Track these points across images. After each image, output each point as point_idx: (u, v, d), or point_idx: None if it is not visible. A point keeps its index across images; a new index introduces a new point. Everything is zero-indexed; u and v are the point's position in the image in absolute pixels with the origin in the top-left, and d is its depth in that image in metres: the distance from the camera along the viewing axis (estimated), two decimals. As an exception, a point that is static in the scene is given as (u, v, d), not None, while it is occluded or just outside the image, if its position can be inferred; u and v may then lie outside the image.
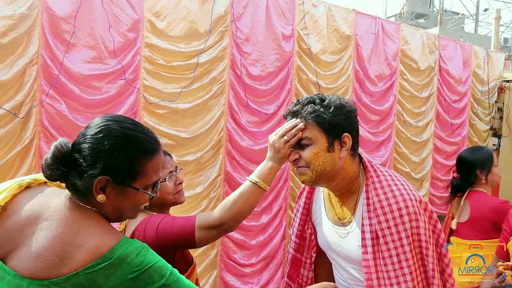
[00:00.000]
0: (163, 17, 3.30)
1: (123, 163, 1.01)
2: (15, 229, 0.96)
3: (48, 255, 0.91)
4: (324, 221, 1.61)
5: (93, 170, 0.99)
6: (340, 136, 1.42)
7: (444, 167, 5.46)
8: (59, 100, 2.90)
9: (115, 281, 0.91)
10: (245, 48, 3.71)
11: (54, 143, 1.02)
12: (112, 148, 1.01)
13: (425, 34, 5.03)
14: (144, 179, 1.05)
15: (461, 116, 5.54)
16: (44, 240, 0.92)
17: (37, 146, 2.86)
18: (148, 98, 3.25)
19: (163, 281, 0.96)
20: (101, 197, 1.01)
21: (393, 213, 1.36)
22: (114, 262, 0.92)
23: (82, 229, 0.95)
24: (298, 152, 1.44)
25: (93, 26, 3.00)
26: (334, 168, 1.42)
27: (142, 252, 0.96)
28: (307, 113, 1.41)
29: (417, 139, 5.09)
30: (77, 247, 0.92)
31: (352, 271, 1.53)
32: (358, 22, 4.42)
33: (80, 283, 0.90)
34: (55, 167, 1.00)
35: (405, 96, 4.93)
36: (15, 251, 0.93)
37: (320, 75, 4.13)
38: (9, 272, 0.92)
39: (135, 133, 1.05)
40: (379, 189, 1.42)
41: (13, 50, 2.75)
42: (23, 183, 1.07)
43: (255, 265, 3.90)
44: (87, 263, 0.90)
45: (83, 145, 1.02)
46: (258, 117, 3.85)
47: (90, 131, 1.03)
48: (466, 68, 5.49)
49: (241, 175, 3.78)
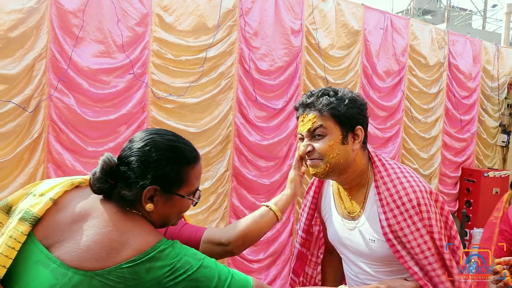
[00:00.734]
0: (172, 11, 3.29)
1: (170, 172, 1.08)
2: (64, 223, 1.02)
3: (96, 249, 0.97)
4: (334, 215, 1.59)
5: (143, 181, 1.06)
6: (354, 129, 1.41)
7: (453, 164, 5.42)
8: (67, 94, 2.90)
9: (156, 273, 0.98)
10: (253, 42, 3.69)
11: (102, 157, 1.08)
12: (160, 159, 1.07)
13: (435, 30, 4.99)
14: (188, 186, 1.12)
15: (470, 113, 5.49)
16: (93, 236, 0.99)
17: (45, 140, 2.86)
18: (156, 93, 3.24)
19: (200, 263, 1.03)
20: (150, 206, 1.07)
21: (404, 205, 1.35)
22: (154, 256, 0.99)
23: (129, 229, 1.02)
24: (311, 144, 1.41)
25: (101, 20, 2.99)
26: (347, 160, 1.41)
27: (177, 245, 1.04)
28: (322, 105, 1.39)
29: (426, 135, 5.06)
30: (124, 244, 0.98)
31: (363, 265, 1.51)
32: (367, 17, 4.39)
33: (123, 275, 0.96)
34: (104, 180, 1.06)
35: (413, 92, 4.90)
36: (61, 243, 0.99)
37: (328, 70, 4.10)
38: (55, 260, 0.97)
39: (178, 144, 1.12)
40: (389, 183, 1.40)
41: (22, 44, 2.75)
42: (75, 182, 1.13)
43: (263, 261, 3.89)
44: (130, 258, 0.97)
45: (131, 158, 1.08)
46: (266, 112, 3.83)
47: (136, 145, 1.09)
48: (476, 64, 5.44)
49: (249, 170, 3.77)
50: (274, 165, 3.92)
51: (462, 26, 22.71)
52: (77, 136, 2.94)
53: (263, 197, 3.82)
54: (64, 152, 2.90)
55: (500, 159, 5.99)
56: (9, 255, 0.98)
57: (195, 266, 1.02)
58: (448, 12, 22.53)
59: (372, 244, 1.44)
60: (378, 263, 1.47)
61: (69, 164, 2.91)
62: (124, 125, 3.13)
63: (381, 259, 1.45)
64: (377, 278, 1.49)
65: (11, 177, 2.77)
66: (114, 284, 0.95)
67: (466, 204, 5.38)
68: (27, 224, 1.01)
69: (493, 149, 5.92)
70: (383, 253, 1.43)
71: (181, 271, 1.00)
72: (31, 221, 1.01)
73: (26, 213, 1.02)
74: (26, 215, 1.02)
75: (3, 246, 0.98)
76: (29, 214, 1.02)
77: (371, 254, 1.45)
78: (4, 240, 0.99)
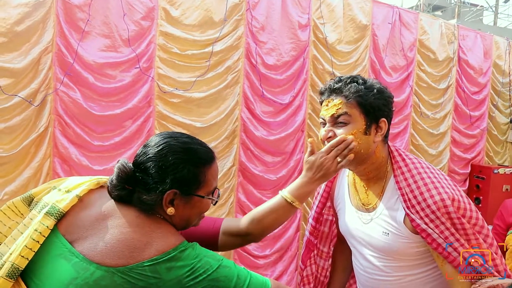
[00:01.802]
0: (178, 5, 3.27)
1: (188, 174, 1.08)
2: (88, 220, 1.04)
3: (120, 247, 0.98)
4: (347, 206, 1.57)
5: (162, 185, 1.06)
6: (378, 120, 1.37)
7: (462, 160, 5.36)
8: (73, 88, 2.90)
9: (176, 272, 0.99)
10: (260, 37, 3.66)
11: (117, 165, 1.09)
12: (177, 162, 1.07)
13: (444, 24, 4.92)
14: (207, 186, 1.13)
15: (480, 108, 5.42)
16: (117, 234, 1.00)
17: (52, 134, 2.86)
18: (162, 87, 3.23)
19: (219, 263, 1.04)
20: (171, 210, 1.08)
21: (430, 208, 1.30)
22: (175, 255, 1.00)
23: (152, 230, 1.03)
24: (333, 130, 1.38)
25: (107, 14, 2.98)
26: (367, 151, 1.38)
27: (197, 247, 1.05)
28: (350, 92, 1.35)
29: (434, 131, 5.00)
30: (147, 244, 1.00)
31: (373, 259, 1.48)
32: (375, 11, 4.34)
33: (145, 273, 0.97)
34: (121, 187, 1.07)
35: (422, 87, 4.84)
36: (84, 239, 1.01)
37: (335, 65, 4.07)
38: (78, 255, 0.99)
39: (194, 146, 1.12)
40: (410, 179, 1.36)
41: (28, 38, 2.75)
42: (101, 181, 1.15)
43: (269, 257, 3.87)
44: (152, 257, 0.98)
45: (148, 164, 1.08)
46: (273, 107, 3.81)
47: (152, 150, 1.09)
48: (486, 59, 5.36)
49: (255, 165, 3.76)
50: (280, 161, 3.90)
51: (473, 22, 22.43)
52: (83, 130, 2.94)
53: (269, 193, 3.80)
54: (70, 146, 2.90)
55: (511, 155, 5.91)
56: (33, 247, 1.00)
57: (215, 266, 1.03)
58: (459, 7, 22.26)
59: (385, 237, 1.41)
60: (389, 257, 1.43)
61: (75, 158, 2.91)
62: (130, 120, 3.13)
63: (393, 253, 1.42)
64: (386, 273, 1.46)
65: (17, 171, 2.77)
66: (135, 281, 0.96)
67: (476, 201, 5.31)
68: (52, 218, 1.03)
69: (504, 146, 5.84)
70: (397, 247, 1.39)
71: (201, 271, 1.01)
72: (57, 216, 1.04)
73: (52, 208, 1.04)
74: (52, 210, 1.04)
75: (28, 238, 1.00)
76: (55, 209, 1.04)
77: (384, 247, 1.42)
78: (29, 233, 1.01)
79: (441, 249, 1.31)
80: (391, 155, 1.45)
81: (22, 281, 1.01)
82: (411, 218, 1.33)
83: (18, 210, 1.15)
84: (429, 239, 1.31)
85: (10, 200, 1.15)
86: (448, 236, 1.30)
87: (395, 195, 1.41)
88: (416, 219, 1.32)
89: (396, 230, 1.39)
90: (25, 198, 1.15)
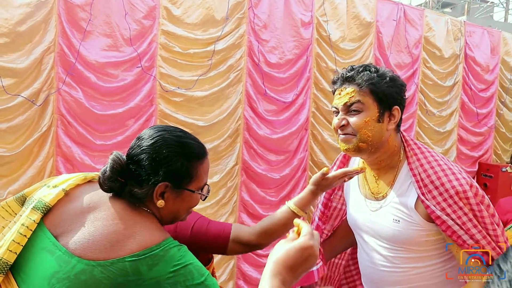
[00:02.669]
0: (180, 3, 3.27)
1: (181, 168, 1.09)
2: (73, 214, 1.05)
3: (101, 240, 0.98)
4: (356, 195, 1.56)
5: (155, 177, 1.07)
6: (391, 108, 1.38)
7: (469, 159, 5.30)
8: (75, 88, 2.91)
9: (157, 272, 0.97)
10: (263, 35, 3.65)
11: (111, 156, 1.09)
12: (171, 155, 1.08)
13: (450, 21, 4.86)
14: (198, 181, 1.14)
15: (487, 106, 5.35)
16: (100, 227, 1.00)
17: (54, 133, 2.88)
18: (164, 86, 3.23)
19: (202, 279, 1.01)
20: (161, 203, 1.08)
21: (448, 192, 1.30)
22: (158, 253, 0.98)
23: (136, 224, 1.03)
24: (346, 118, 1.39)
25: (109, 14, 2.99)
26: (380, 139, 1.38)
27: (183, 249, 1.03)
28: (362, 80, 1.36)
29: (441, 129, 4.95)
30: (129, 237, 0.99)
31: (380, 249, 1.46)
32: (380, 8, 4.30)
33: (125, 269, 0.95)
34: (114, 178, 1.07)
35: (428, 84, 4.79)
36: (69, 232, 1.01)
37: (339, 63, 4.04)
38: (61, 248, 0.99)
39: (187, 140, 1.13)
40: (426, 164, 1.36)
41: (31, 38, 2.77)
42: (88, 176, 1.16)
43: (273, 255, 3.86)
44: (134, 252, 0.97)
45: (141, 156, 1.09)
46: (276, 105, 3.80)
47: (145, 142, 1.10)
48: (494, 56, 5.29)
49: (258, 164, 3.75)
50: (284, 159, 3.88)
51: (483, 18, 22.16)
52: (85, 129, 2.96)
53: (272, 191, 3.80)
54: (72, 145, 2.92)
55: (519, 153, 5.83)
56: (20, 242, 1.01)
57: (197, 281, 0.99)
58: (469, 4, 22.01)
59: (396, 225, 1.39)
60: (398, 247, 1.41)
61: (77, 157, 2.92)
62: (132, 119, 3.14)
63: (402, 242, 1.40)
64: (393, 264, 1.44)
65: (20, 170, 2.80)
66: (114, 277, 0.95)
67: (483, 199, 5.25)
68: (38, 212, 1.04)
69: (512, 144, 5.77)
70: (407, 234, 1.38)
71: (181, 279, 0.98)
72: (43, 210, 1.05)
73: (38, 202, 1.06)
74: (38, 204, 1.05)
75: (15, 233, 1.01)
76: (41, 203, 1.05)
77: (393, 236, 1.40)
78: (17, 228, 1.02)
79: (455, 237, 1.30)
80: (405, 144, 1.44)
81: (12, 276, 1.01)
82: (425, 204, 1.32)
83: (12, 210, 1.16)
84: (443, 226, 1.31)
85: (4, 201, 1.16)
86: (466, 222, 1.29)
87: (407, 181, 1.40)
88: (431, 205, 1.31)
89: (407, 217, 1.37)
90: (18, 198, 1.16)
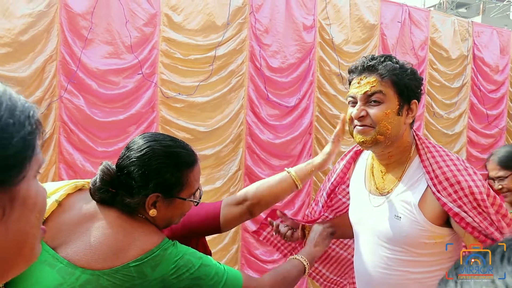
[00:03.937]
0: (180, 10, 3.30)
1: (171, 178, 1.10)
2: (69, 224, 1.05)
3: (103, 249, 0.99)
4: (361, 191, 1.53)
5: (145, 190, 1.07)
6: (410, 102, 1.34)
7: (479, 161, 5.19)
8: (77, 95, 2.96)
9: (161, 271, 1.01)
10: (264, 39, 3.65)
11: (100, 167, 1.10)
12: (160, 167, 1.09)
13: (457, 21, 4.80)
14: (189, 188, 1.15)
15: (498, 107, 5.25)
16: (100, 236, 1.01)
17: (57, 140, 2.93)
18: (165, 92, 3.26)
19: (200, 262, 1.07)
20: (153, 212, 1.09)
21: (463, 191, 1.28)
22: (159, 254, 1.02)
23: (134, 230, 1.05)
24: (365, 109, 1.34)
25: (110, 22, 3.03)
26: (397, 133, 1.34)
27: (177, 245, 1.08)
28: (386, 70, 1.31)
29: (449, 131, 4.87)
30: (130, 244, 1.01)
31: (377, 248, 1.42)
32: (383, 10, 4.27)
33: (131, 274, 0.98)
34: (105, 189, 1.08)
35: (435, 86, 4.72)
36: (67, 243, 1.01)
37: (343, 66, 4.01)
38: (62, 260, 0.99)
39: (176, 149, 1.13)
40: (441, 162, 1.33)
41: (33, 47, 2.83)
42: (79, 185, 1.16)
43: (277, 262, 3.84)
44: (137, 257, 1.00)
45: (131, 168, 1.09)
46: (279, 110, 3.79)
47: (134, 154, 1.10)
48: (504, 56, 5.19)
49: (261, 169, 3.74)
50: (287, 164, 3.87)
51: (500, 18, 21.84)
52: (87, 136, 3.00)
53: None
54: (74, 152, 2.96)
55: (532, 155, 5.69)
56: None
57: (197, 265, 1.06)
58: (484, 4, 21.69)
59: (396, 221, 1.36)
60: (396, 246, 1.38)
61: (79, 164, 2.96)
62: (134, 125, 3.17)
63: (401, 240, 1.36)
64: (389, 265, 1.40)
65: (24, 177, 2.84)
66: (120, 283, 0.97)
67: (495, 202, 5.15)
68: None
69: (525, 145, 5.65)
70: (406, 233, 1.34)
71: (184, 270, 1.04)
72: None
73: None
74: None
75: None
76: None
77: (393, 233, 1.37)
78: None
79: (477, 233, 1.28)
80: (418, 141, 1.41)
81: None
82: (442, 202, 1.29)
83: None
84: (463, 223, 1.28)
85: None
86: (482, 221, 1.27)
87: (415, 178, 1.37)
88: (448, 203, 1.29)
89: (410, 214, 1.34)
90: None
